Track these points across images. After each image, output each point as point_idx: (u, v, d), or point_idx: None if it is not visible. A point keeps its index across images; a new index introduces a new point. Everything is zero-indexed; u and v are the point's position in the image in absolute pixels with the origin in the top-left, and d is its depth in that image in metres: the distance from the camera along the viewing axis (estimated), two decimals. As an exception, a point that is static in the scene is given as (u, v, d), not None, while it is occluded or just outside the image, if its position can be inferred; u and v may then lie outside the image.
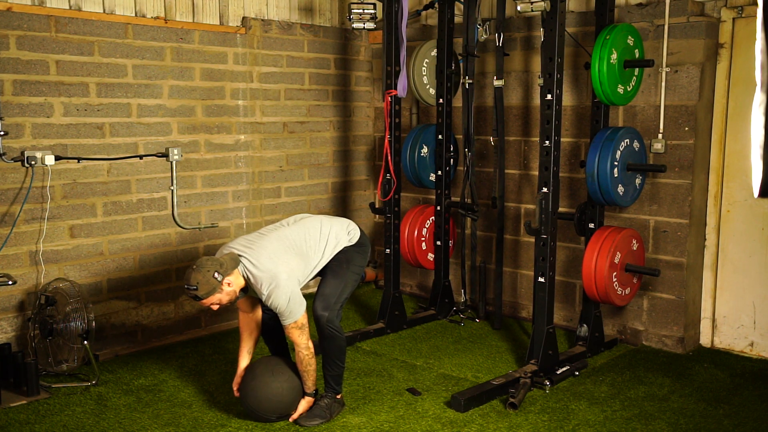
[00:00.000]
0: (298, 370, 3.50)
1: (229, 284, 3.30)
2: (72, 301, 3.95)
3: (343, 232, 3.64)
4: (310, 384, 3.52)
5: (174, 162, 4.71)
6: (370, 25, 4.83)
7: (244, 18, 5.11)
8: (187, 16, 4.80)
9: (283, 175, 5.45)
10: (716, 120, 4.44)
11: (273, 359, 3.63)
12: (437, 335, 4.87)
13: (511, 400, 3.66)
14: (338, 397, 3.62)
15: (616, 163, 4.11)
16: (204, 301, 3.29)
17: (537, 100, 4.85)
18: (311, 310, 3.49)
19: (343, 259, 3.60)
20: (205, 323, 5.02)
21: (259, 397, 3.45)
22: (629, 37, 4.15)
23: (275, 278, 3.31)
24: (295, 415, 3.51)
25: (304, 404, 3.53)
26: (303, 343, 3.43)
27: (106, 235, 4.47)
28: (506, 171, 5.06)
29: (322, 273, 3.63)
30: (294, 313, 3.37)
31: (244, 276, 3.36)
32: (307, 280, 3.54)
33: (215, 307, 3.37)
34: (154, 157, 4.65)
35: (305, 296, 3.51)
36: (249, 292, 3.46)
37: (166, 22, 4.65)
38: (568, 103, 4.76)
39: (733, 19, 4.30)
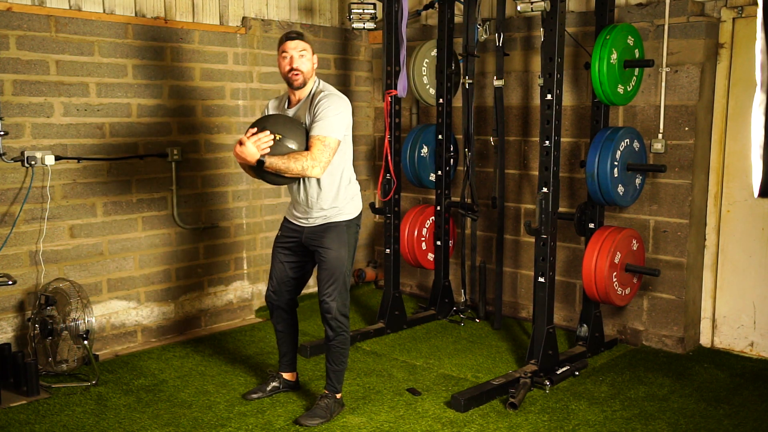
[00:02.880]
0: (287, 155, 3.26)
1: (315, 61, 3.46)
2: (72, 301, 3.95)
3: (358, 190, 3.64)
4: (273, 159, 3.22)
5: (174, 162, 4.71)
6: (370, 25, 4.83)
7: (244, 18, 5.11)
8: (187, 16, 4.80)
9: (283, 175, 5.44)
10: (716, 120, 4.44)
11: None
12: (437, 335, 4.87)
13: (511, 400, 3.66)
14: (338, 396, 3.62)
15: (616, 163, 4.11)
16: (299, 42, 3.37)
17: (537, 100, 4.85)
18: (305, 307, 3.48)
19: (341, 239, 3.50)
20: (205, 323, 5.02)
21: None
22: (629, 37, 4.15)
23: (339, 95, 3.43)
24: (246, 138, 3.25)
25: (253, 138, 3.24)
26: (317, 157, 3.22)
27: (106, 235, 4.47)
28: (506, 171, 5.06)
29: (317, 253, 3.54)
30: (331, 130, 3.29)
31: (313, 83, 3.47)
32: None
33: (296, 63, 3.36)
34: (154, 157, 4.65)
35: (305, 296, 3.50)
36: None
37: (166, 22, 4.65)
38: (568, 103, 4.76)
39: (733, 19, 4.30)
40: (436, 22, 5.05)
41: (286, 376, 3.87)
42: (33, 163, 4.05)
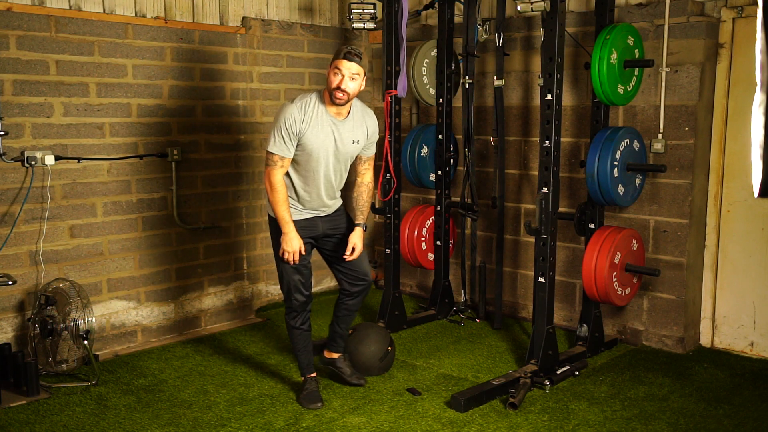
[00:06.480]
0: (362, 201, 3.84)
1: (363, 84, 3.59)
2: (72, 301, 3.95)
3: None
4: (365, 213, 3.82)
5: (174, 162, 4.71)
6: (370, 25, 4.83)
7: (244, 18, 5.11)
8: (187, 16, 4.80)
9: (283, 175, 5.44)
10: (716, 120, 4.44)
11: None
12: (437, 335, 4.87)
13: (511, 400, 3.66)
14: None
15: (616, 163, 4.11)
16: (355, 65, 3.47)
17: (537, 100, 4.85)
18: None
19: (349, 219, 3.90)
20: (205, 323, 5.02)
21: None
22: (629, 37, 4.15)
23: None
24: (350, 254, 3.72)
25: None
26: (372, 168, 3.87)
27: (106, 235, 4.47)
28: (506, 171, 5.06)
29: (341, 236, 3.80)
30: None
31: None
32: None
33: (344, 84, 3.46)
34: (154, 157, 4.65)
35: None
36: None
37: (166, 22, 4.65)
38: (568, 103, 4.76)
39: (733, 19, 4.30)
40: (436, 22, 5.05)
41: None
42: (33, 163, 4.05)
